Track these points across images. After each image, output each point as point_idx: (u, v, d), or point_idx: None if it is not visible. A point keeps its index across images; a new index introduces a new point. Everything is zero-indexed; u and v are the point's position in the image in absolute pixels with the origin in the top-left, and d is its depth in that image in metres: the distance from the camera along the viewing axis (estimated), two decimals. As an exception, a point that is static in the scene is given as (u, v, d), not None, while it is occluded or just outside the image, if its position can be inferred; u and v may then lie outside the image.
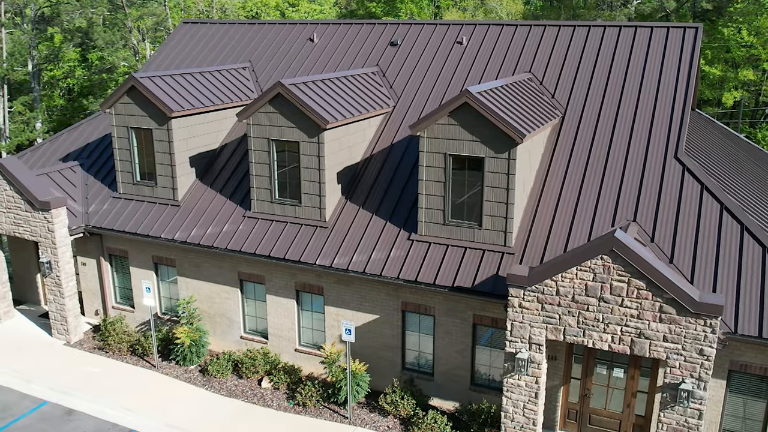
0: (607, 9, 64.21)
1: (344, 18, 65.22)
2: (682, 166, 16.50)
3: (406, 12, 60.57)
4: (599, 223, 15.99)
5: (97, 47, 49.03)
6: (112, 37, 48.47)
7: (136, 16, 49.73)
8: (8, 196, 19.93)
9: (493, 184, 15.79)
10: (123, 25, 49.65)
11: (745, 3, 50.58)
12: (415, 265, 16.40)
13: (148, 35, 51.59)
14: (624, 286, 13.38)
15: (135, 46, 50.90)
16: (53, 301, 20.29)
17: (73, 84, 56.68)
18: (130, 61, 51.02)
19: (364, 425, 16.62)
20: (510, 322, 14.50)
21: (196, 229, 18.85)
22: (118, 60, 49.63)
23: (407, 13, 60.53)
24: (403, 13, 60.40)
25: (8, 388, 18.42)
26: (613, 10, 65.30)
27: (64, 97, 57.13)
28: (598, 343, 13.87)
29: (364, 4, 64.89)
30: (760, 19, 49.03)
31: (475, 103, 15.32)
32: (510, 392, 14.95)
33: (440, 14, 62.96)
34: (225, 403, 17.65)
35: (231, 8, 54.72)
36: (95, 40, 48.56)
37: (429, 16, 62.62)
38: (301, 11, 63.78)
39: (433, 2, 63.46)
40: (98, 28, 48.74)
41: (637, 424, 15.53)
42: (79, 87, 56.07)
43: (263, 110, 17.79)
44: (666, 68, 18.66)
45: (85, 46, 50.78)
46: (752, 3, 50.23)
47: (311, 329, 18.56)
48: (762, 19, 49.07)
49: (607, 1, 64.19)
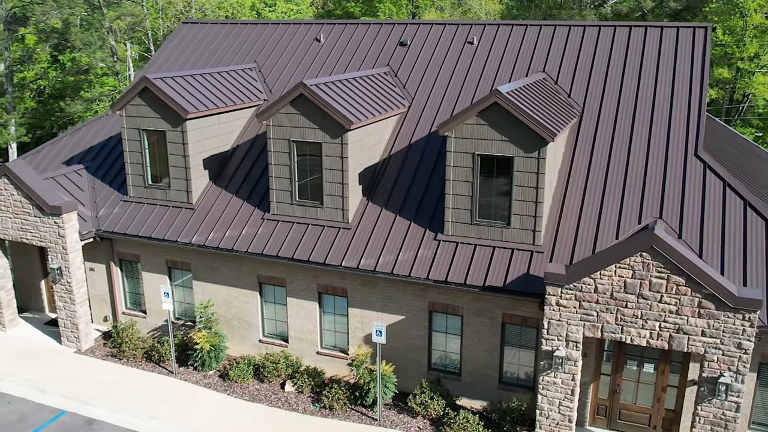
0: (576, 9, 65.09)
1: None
2: (703, 164, 16.79)
3: (385, 12, 60.56)
4: (625, 220, 16.18)
5: (75, 48, 47.98)
6: (90, 37, 47.50)
7: (113, 17, 48.83)
8: (15, 201, 19.40)
9: (522, 184, 15.87)
10: (100, 26, 48.73)
11: (719, 3, 51.68)
12: (444, 265, 16.40)
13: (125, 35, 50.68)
14: (663, 283, 13.57)
15: (113, 47, 49.98)
16: (63, 308, 19.81)
17: (44, 86, 55.36)
18: (108, 62, 50.10)
19: (394, 427, 16.57)
20: (547, 320, 14.59)
21: (213, 232, 18.58)
22: (96, 61, 48.70)
23: (386, 13, 60.51)
24: (381, 13, 60.36)
25: (22, 399, 17.93)
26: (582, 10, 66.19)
27: (34, 99, 55.78)
28: (637, 339, 14.04)
29: (342, 4, 64.72)
30: (733, 19, 50.13)
31: (506, 102, 15.38)
32: (546, 390, 15.05)
33: (418, 14, 63.05)
34: (249, 408, 17.43)
35: (209, 8, 54.02)
36: (72, 40, 47.54)
37: (407, 16, 62.70)
38: (277, 11, 63.26)
39: (411, 2, 63.53)
40: (75, 28, 47.73)
41: (667, 418, 15.76)
42: (50, 89, 54.77)
43: (284, 111, 17.62)
44: (679, 67, 18.97)
45: (61, 47, 49.65)
46: (726, 3, 51.32)
47: (333, 331, 18.44)
48: (735, 18, 50.17)
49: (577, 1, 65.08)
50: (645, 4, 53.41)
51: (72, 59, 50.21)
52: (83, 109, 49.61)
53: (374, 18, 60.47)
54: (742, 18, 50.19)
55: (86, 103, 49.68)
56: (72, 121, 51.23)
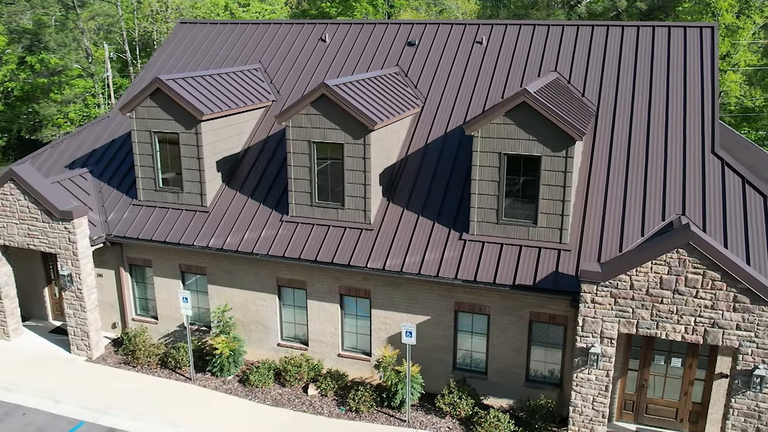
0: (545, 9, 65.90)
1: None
2: (720, 161, 17.11)
3: (362, 11, 60.43)
4: (649, 217, 16.40)
5: (48, 49, 46.82)
6: (65, 38, 46.42)
7: (87, 17, 47.82)
8: (22, 207, 18.85)
9: (549, 182, 15.97)
10: (75, 26, 47.67)
11: (691, 3, 52.78)
12: (472, 264, 16.42)
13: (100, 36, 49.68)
14: (699, 278, 13.79)
15: (87, 48, 48.96)
16: (73, 316, 19.31)
17: (12, 88, 53.82)
18: (83, 63, 49.03)
19: (424, 428, 16.54)
20: (581, 318, 14.71)
21: (231, 235, 18.31)
22: (71, 62, 47.61)
23: (362, 12, 60.40)
24: (358, 12, 60.22)
25: (36, 410, 17.41)
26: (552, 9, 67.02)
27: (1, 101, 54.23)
28: (672, 335, 14.24)
29: (317, 4, 64.38)
30: (705, 18, 51.25)
31: (534, 102, 15.46)
32: (580, 387, 15.17)
33: (394, 14, 63.08)
34: (273, 414, 17.23)
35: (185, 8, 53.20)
36: (46, 41, 46.40)
37: (383, 15, 62.69)
38: (251, 11, 62.63)
39: (386, 2, 63.52)
40: (49, 29, 46.58)
41: (694, 411, 16.04)
42: (19, 91, 53.26)
43: (304, 112, 17.44)
44: (690, 66, 19.31)
45: (34, 47, 48.38)
46: (698, 3, 52.41)
47: (355, 333, 18.33)
48: (707, 18, 51.28)
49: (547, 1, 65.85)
50: (620, 3, 54.25)
51: (41, 60, 48.86)
52: (56, 111, 48.44)
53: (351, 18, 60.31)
54: (713, 17, 51.28)
55: (59, 105, 48.48)
56: (42, 123, 49.96)
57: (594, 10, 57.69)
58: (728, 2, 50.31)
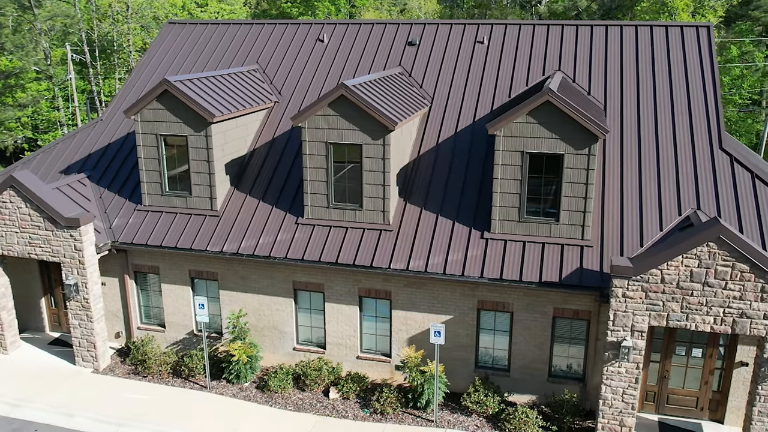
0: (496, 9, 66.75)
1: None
2: (729, 156, 17.64)
3: (324, 11, 60.12)
4: (666, 212, 16.79)
5: (5, 51, 45.05)
6: (22, 39, 44.76)
7: (45, 17, 46.21)
8: (23, 215, 18.12)
9: (572, 180, 16.20)
10: (32, 27, 46.03)
11: (649, 2, 54.19)
12: (496, 263, 16.53)
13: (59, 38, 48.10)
14: (728, 270, 14.18)
15: (46, 50, 47.36)
16: (78, 326, 18.67)
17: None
18: (41, 66, 47.41)
19: (452, 427, 16.57)
20: (612, 312, 14.96)
21: (245, 239, 17.98)
22: (29, 64, 45.96)
23: (325, 12, 60.08)
24: (320, 12, 59.89)
25: (49, 425, 16.77)
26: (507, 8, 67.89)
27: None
28: (701, 326, 14.61)
29: (277, 4, 63.75)
30: (662, 17, 52.72)
31: (558, 101, 15.65)
32: (610, 380, 15.43)
33: (356, 14, 62.96)
34: (297, 419, 17.00)
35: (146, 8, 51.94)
36: (2, 43, 44.64)
37: (345, 15, 62.48)
38: (210, 11, 61.62)
39: (348, 1, 63.34)
40: (6, 30, 44.84)
41: (714, 399, 16.50)
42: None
43: (321, 113, 17.26)
44: (690, 64, 19.84)
45: (-11, 49, 46.51)
46: (654, 2, 53.84)
47: (374, 335, 18.24)
48: (663, 17, 52.75)
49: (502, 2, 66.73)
50: (580, 3, 55.37)
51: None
52: (13, 115, 46.68)
53: (313, 18, 59.94)
54: (670, 17, 52.73)
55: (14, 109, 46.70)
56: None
57: (555, 10, 58.73)
58: (684, 2, 51.90)
